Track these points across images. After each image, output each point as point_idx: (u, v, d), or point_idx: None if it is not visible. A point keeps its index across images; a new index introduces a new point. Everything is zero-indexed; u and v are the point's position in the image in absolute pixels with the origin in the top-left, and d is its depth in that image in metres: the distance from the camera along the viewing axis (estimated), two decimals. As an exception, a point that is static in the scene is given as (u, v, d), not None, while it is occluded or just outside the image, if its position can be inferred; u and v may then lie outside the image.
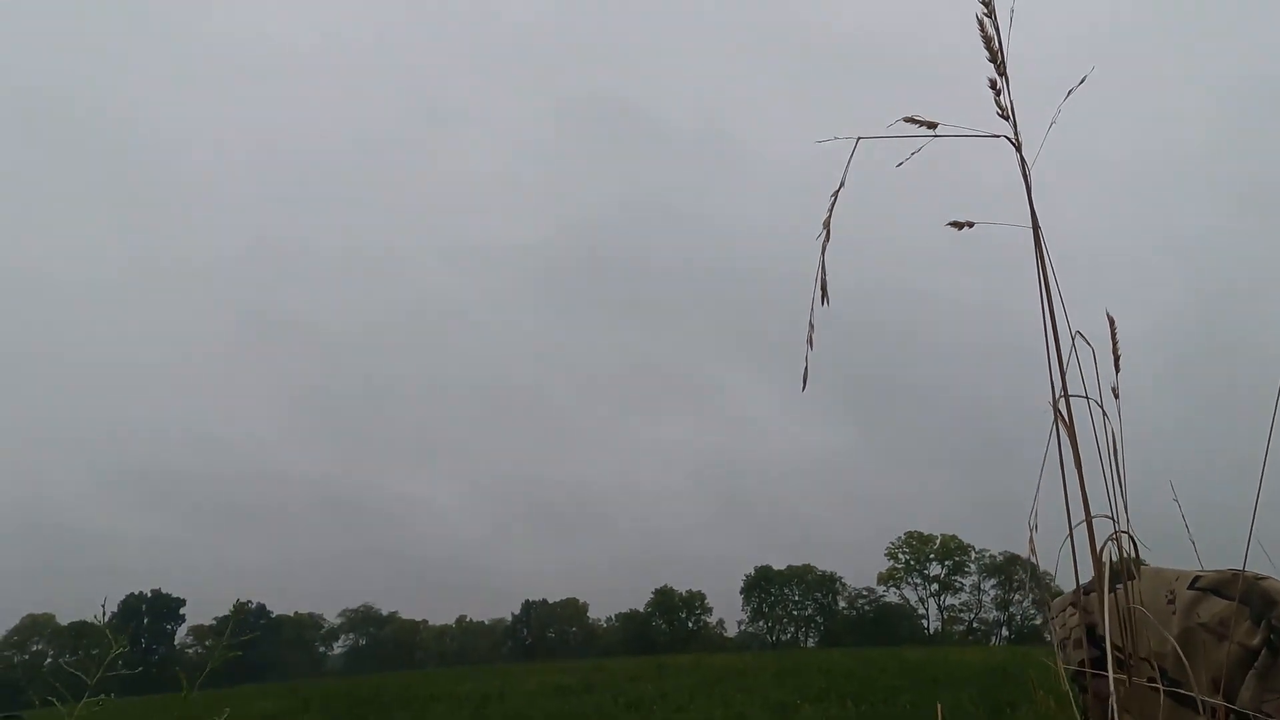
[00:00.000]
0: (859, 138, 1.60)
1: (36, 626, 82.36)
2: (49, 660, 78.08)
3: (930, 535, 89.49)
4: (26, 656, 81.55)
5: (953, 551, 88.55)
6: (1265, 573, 2.01)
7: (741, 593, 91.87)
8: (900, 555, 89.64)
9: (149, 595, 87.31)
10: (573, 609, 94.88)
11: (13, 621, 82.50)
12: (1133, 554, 1.82)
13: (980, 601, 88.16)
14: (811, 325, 1.56)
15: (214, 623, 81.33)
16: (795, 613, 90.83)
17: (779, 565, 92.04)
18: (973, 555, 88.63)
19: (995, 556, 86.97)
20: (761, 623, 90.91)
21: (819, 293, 1.54)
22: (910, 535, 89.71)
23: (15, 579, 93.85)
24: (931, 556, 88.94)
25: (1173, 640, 1.95)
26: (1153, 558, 2.01)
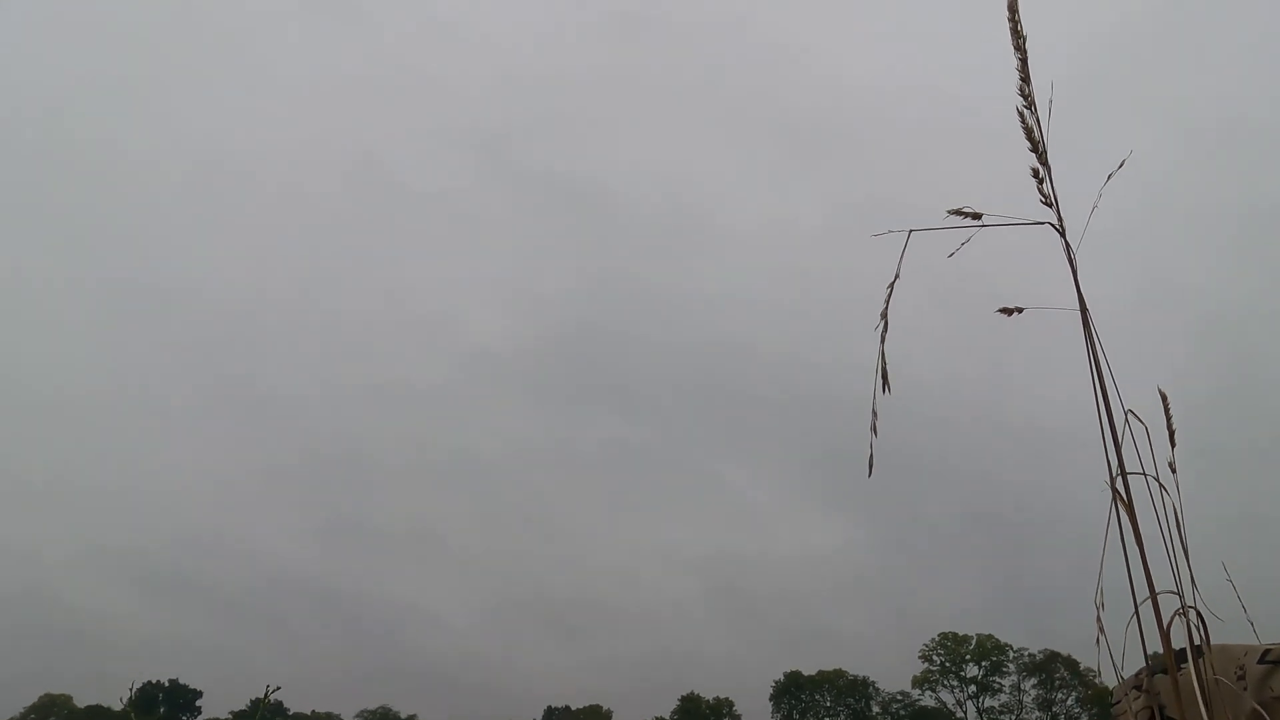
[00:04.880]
0: (911, 230, 1.69)
1: (54, 706, 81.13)
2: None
3: (965, 635, 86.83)
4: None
5: (989, 651, 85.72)
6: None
7: (771, 699, 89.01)
8: (934, 657, 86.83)
9: (166, 685, 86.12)
10: (596, 716, 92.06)
11: (31, 698, 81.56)
12: (1202, 631, 1.82)
13: (1021, 702, 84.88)
14: (875, 413, 1.62)
15: (230, 717, 79.82)
16: None
17: (807, 669, 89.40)
18: (1010, 654, 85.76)
19: (1035, 655, 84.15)
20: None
21: (880, 381, 1.60)
22: (944, 635, 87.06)
23: (29, 657, 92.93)
24: (968, 657, 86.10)
25: (1248, 716, 1.93)
26: (1221, 634, 2.01)
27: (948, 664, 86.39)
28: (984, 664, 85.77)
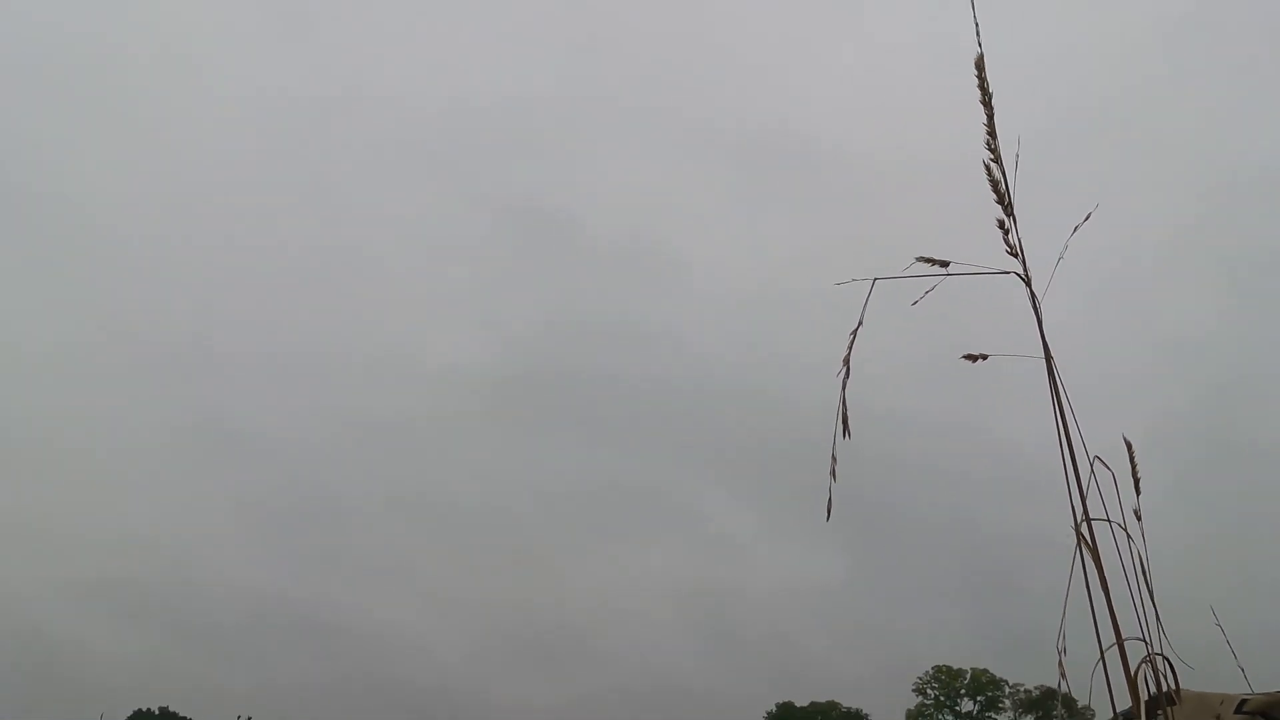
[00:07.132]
0: (875, 279, 1.71)
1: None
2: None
3: (960, 669, 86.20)
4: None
5: (985, 686, 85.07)
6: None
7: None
8: (929, 690, 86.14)
9: (156, 713, 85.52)
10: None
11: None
12: (1171, 678, 1.82)
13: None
14: (834, 458, 1.64)
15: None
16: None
17: (799, 701, 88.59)
18: (1006, 690, 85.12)
19: (1031, 691, 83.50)
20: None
21: (840, 426, 1.62)
22: (939, 669, 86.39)
23: (19, 692, 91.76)
24: (963, 691, 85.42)
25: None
26: (1195, 680, 2.00)
27: (942, 698, 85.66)
28: (979, 699, 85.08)
